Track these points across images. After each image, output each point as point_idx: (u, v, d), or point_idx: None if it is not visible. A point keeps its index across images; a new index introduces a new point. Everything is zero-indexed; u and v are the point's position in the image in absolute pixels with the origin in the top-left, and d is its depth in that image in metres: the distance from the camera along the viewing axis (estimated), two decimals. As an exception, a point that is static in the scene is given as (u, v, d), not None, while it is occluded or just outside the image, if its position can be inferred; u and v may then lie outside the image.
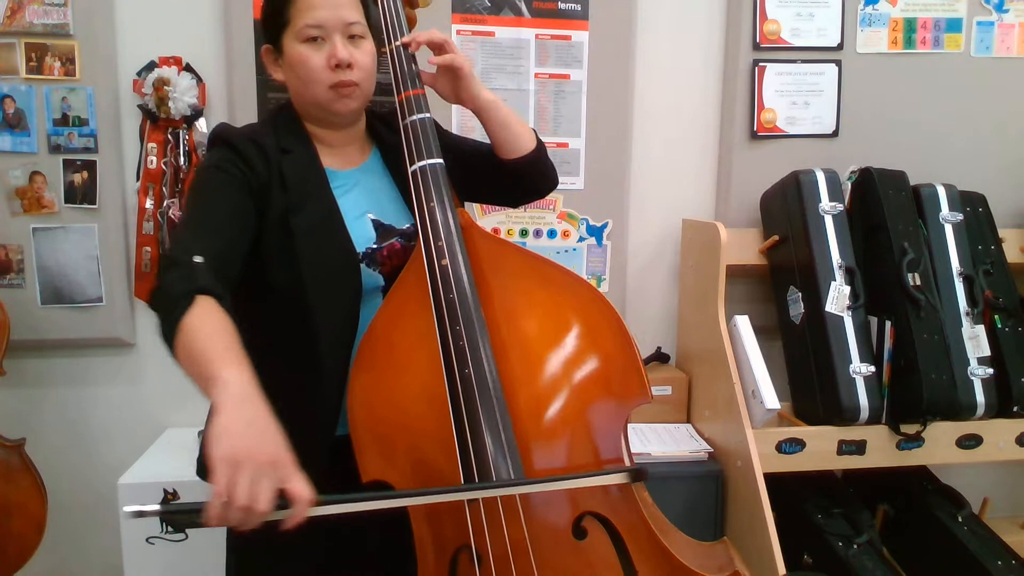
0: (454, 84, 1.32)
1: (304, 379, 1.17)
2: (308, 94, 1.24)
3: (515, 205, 1.54)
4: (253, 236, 1.18)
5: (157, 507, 0.86)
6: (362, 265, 1.25)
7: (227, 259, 1.11)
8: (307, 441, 1.00)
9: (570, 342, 1.19)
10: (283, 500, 0.86)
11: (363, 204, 1.29)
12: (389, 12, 1.33)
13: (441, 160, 1.25)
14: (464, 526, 1.10)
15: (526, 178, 1.39)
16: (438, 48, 1.30)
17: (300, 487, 0.87)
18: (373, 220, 1.29)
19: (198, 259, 1.04)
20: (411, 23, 1.38)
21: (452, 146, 1.35)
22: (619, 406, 1.18)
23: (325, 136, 1.30)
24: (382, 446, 1.16)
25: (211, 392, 0.90)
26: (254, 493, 0.83)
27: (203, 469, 1.31)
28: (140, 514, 0.85)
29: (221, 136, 1.23)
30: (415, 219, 1.25)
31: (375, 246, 1.28)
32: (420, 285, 1.19)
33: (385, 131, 1.37)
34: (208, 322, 0.98)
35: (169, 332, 0.99)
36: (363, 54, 1.23)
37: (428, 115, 1.28)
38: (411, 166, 1.25)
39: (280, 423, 0.93)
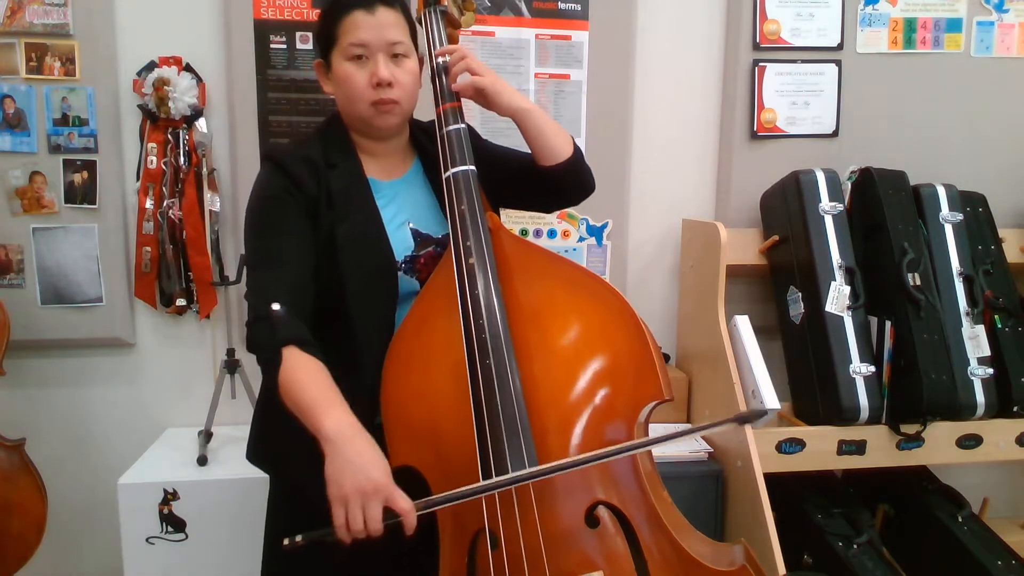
0: (483, 100, 1.39)
1: (344, 372, 1.23)
2: (352, 109, 1.31)
3: (548, 211, 1.59)
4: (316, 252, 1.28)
5: (300, 538, 1.06)
6: (400, 272, 1.33)
7: (301, 289, 1.24)
8: None
9: (589, 341, 1.24)
10: (393, 514, 1.06)
11: (404, 214, 1.37)
12: (428, 31, 1.42)
13: (473, 167, 1.32)
14: (480, 512, 1.15)
15: (561, 185, 1.43)
16: (471, 71, 1.37)
17: (402, 503, 1.05)
18: (412, 229, 1.36)
19: (276, 307, 1.18)
20: (452, 42, 1.46)
21: (488, 154, 1.42)
22: (636, 403, 1.21)
23: (370, 147, 1.37)
24: (409, 434, 1.23)
25: (319, 440, 1.09)
26: (368, 517, 1.04)
27: (252, 452, 1.45)
28: (293, 543, 1.06)
29: (273, 158, 1.30)
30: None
31: (413, 254, 1.35)
32: (449, 285, 1.26)
33: (427, 141, 1.44)
34: (298, 374, 1.14)
35: (276, 389, 1.15)
36: (405, 73, 1.30)
37: (463, 126, 1.35)
38: (445, 173, 1.33)
39: None
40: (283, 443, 1.34)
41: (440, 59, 1.39)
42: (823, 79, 2.31)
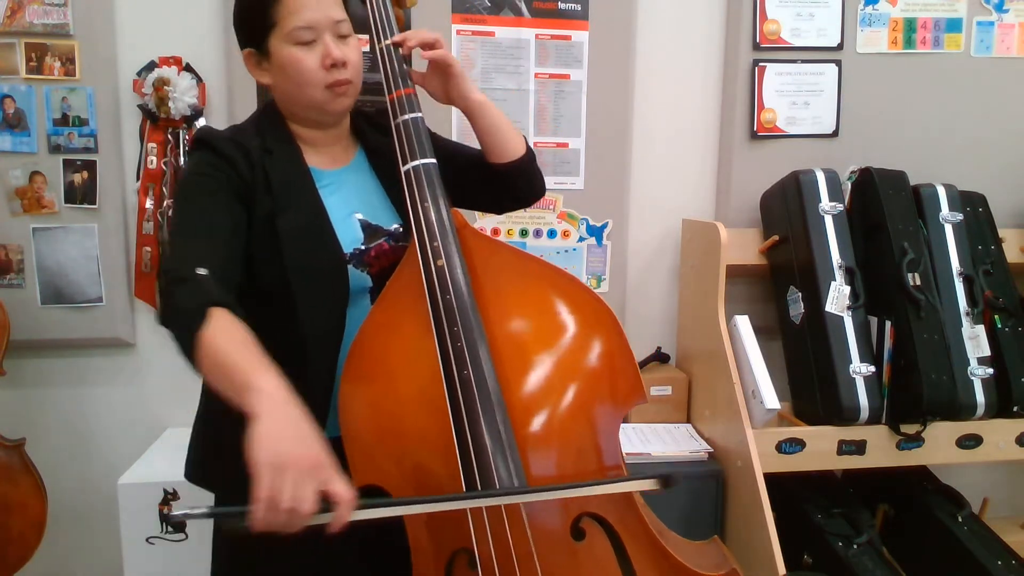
0: (444, 82, 1.31)
1: (290, 381, 1.11)
2: (303, 96, 1.24)
3: (500, 212, 1.52)
4: (246, 239, 1.19)
5: (205, 509, 0.88)
6: (349, 266, 1.25)
7: (228, 266, 1.13)
8: None
9: (567, 343, 1.18)
10: (325, 503, 0.87)
11: (351, 204, 1.29)
12: (377, 10, 1.31)
13: (434, 160, 1.24)
14: (465, 530, 1.09)
15: (513, 184, 1.38)
16: (429, 46, 1.28)
17: (343, 490, 0.88)
18: (361, 220, 1.29)
19: (201, 271, 1.06)
20: (399, 23, 1.36)
21: (440, 148, 1.33)
22: (617, 406, 1.18)
23: (311, 136, 1.29)
24: (377, 452, 1.15)
25: (247, 400, 0.91)
26: (298, 496, 0.85)
27: (192, 472, 1.33)
28: (187, 516, 0.87)
29: (203, 139, 1.23)
30: (406, 219, 1.25)
31: (363, 247, 1.27)
32: (412, 287, 1.18)
33: (370, 131, 1.37)
34: (228, 334, 1.00)
35: (188, 348, 1.00)
36: (353, 51, 1.24)
37: (420, 114, 1.27)
38: (404, 166, 1.24)
39: None
40: (230, 463, 1.22)
41: (390, 44, 1.29)
42: (823, 79, 2.31)
